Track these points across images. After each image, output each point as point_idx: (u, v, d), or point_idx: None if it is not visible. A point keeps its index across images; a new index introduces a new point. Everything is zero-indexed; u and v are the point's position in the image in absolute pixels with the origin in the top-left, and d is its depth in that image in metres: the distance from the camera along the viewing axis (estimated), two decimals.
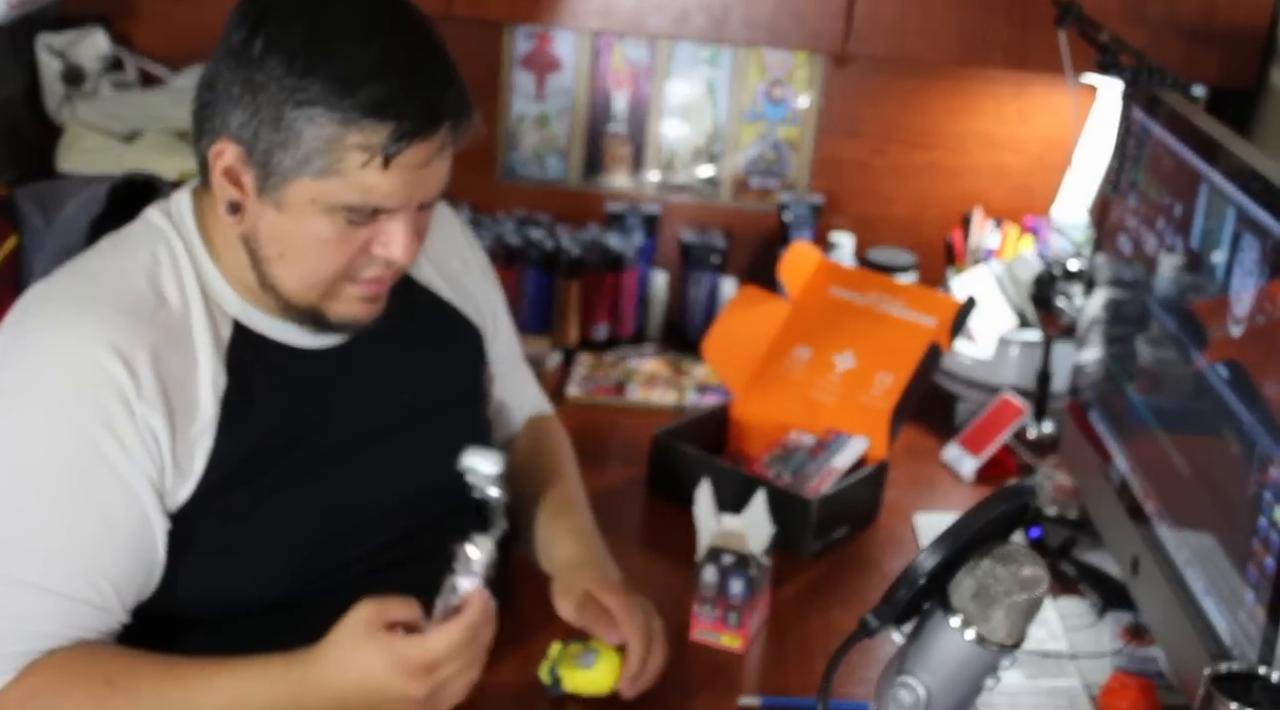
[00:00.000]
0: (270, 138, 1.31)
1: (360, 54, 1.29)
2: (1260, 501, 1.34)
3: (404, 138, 1.29)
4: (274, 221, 1.35)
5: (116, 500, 1.33)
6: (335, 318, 1.42)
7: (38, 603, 1.31)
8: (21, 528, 1.32)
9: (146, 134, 2.43)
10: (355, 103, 1.28)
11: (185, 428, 1.36)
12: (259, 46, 1.30)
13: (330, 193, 1.32)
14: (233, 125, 1.32)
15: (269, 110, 1.30)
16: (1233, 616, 1.39)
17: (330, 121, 1.28)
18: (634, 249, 2.49)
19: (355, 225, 1.34)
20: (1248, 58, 2.18)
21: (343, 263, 1.37)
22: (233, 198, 1.36)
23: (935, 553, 1.24)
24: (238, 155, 1.33)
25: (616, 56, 2.54)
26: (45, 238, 1.53)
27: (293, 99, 1.29)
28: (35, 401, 1.33)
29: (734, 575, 1.63)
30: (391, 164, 1.30)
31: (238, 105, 1.31)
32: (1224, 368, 1.45)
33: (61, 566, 1.32)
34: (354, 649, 1.29)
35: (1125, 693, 1.55)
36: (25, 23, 2.42)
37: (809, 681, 1.61)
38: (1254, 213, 1.39)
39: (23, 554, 1.32)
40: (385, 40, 1.31)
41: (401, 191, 1.33)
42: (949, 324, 2.02)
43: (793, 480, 1.91)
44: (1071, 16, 1.88)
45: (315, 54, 1.28)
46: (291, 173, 1.31)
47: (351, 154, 1.30)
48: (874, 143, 2.57)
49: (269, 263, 1.38)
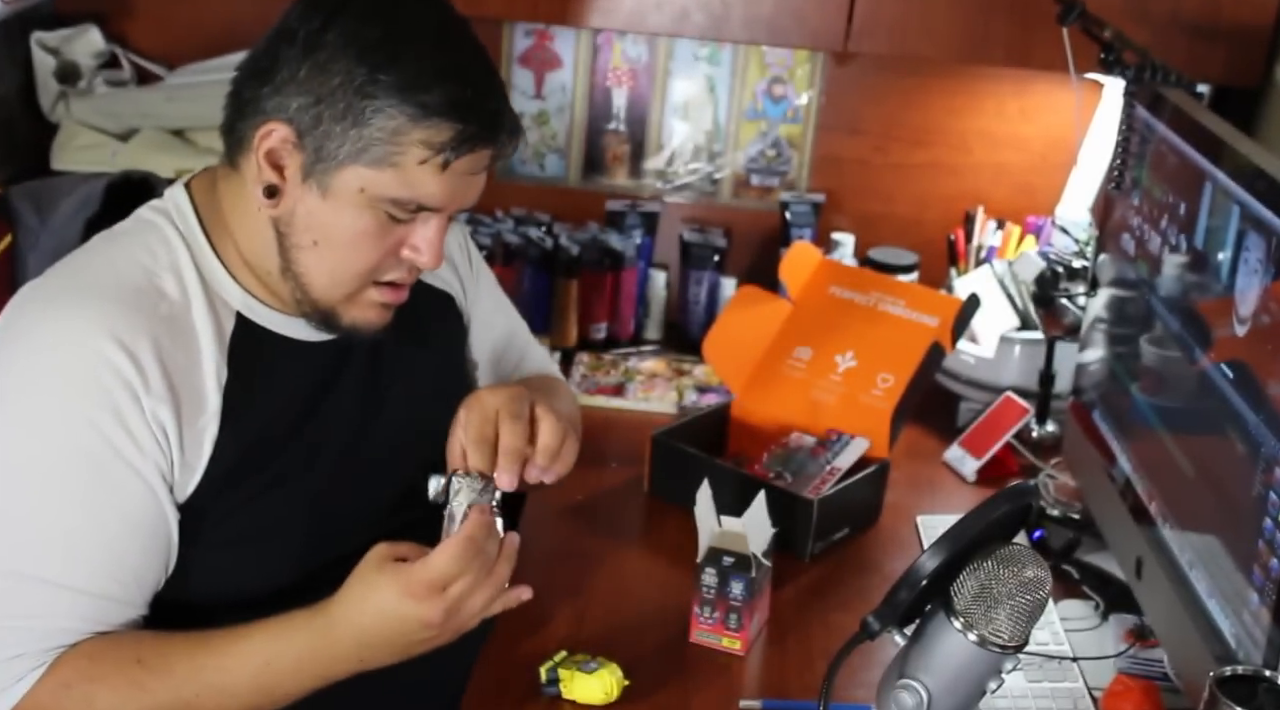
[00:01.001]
0: (332, 123, 1.33)
1: (437, 56, 1.33)
2: (1265, 503, 1.33)
3: (468, 141, 1.34)
4: (314, 208, 1.37)
5: (132, 493, 1.34)
6: (348, 321, 1.44)
7: (62, 600, 1.32)
8: (40, 525, 1.32)
9: (142, 132, 2.43)
10: (429, 100, 1.31)
11: (191, 419, 1.37)
12: (334, 36, 1.32)
13: (381, 184, 1.34)
14: (290, 108, 1.34)
15: (337, 96, 1.32)
16: (1237, 619, 1.38)
17: (400, 114, 1.32)
18: (633, 248, 2.48)
19: (395, 222, 1.37)
20: (1252, 55, 2.17)
21: (375, 260, 1.39)
22: (271, 181, 1.37)
23: (937, 554, 1.24)
24: (286, 137, 1.35)
25: (616, 54, 2.54)
26: (40, 236, 1.53)
27: (365, 89, 1.32)
28: (42, 399, 1.33)
29: (734, 577, 1.62)
30: (449, 166, 1.34)
31: (301, 89, 1.33)
32: (1228, 367, 1.44)
33: (83, 563, 1.33)
34: (368, 585, 1.33)
35: (1129, 695, 1.54)
36: (20, 20, 2.42)
37: (810, 683, 1.61)
38: (1258, 211, 1.39)
39: (43, 552, 1.32)
40: (459, 47, 1.36)
41: (448, 194, 1.37)
42: (951, 323, 2.01)
43: (793, 481, 1.90)
44: (1074, 14, 1.88)
45: (393, 49, 1.32)
46: (348, 159, 1.34)
47: (413, 149, 1.33)
48: (875, 141, 2.56)
49: (299, 250, 1.39)
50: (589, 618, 1.70)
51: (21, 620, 1.31)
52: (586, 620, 1.69)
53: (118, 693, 1.32)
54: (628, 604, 1.74)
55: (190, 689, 1.33)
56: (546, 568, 1.79)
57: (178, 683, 1.33)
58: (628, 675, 1.55)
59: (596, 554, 1.83)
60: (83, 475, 1.32)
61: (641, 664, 1.60)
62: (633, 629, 1.67)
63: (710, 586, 1.63)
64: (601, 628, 1.67)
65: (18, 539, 1.32)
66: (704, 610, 1.64)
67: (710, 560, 1.63)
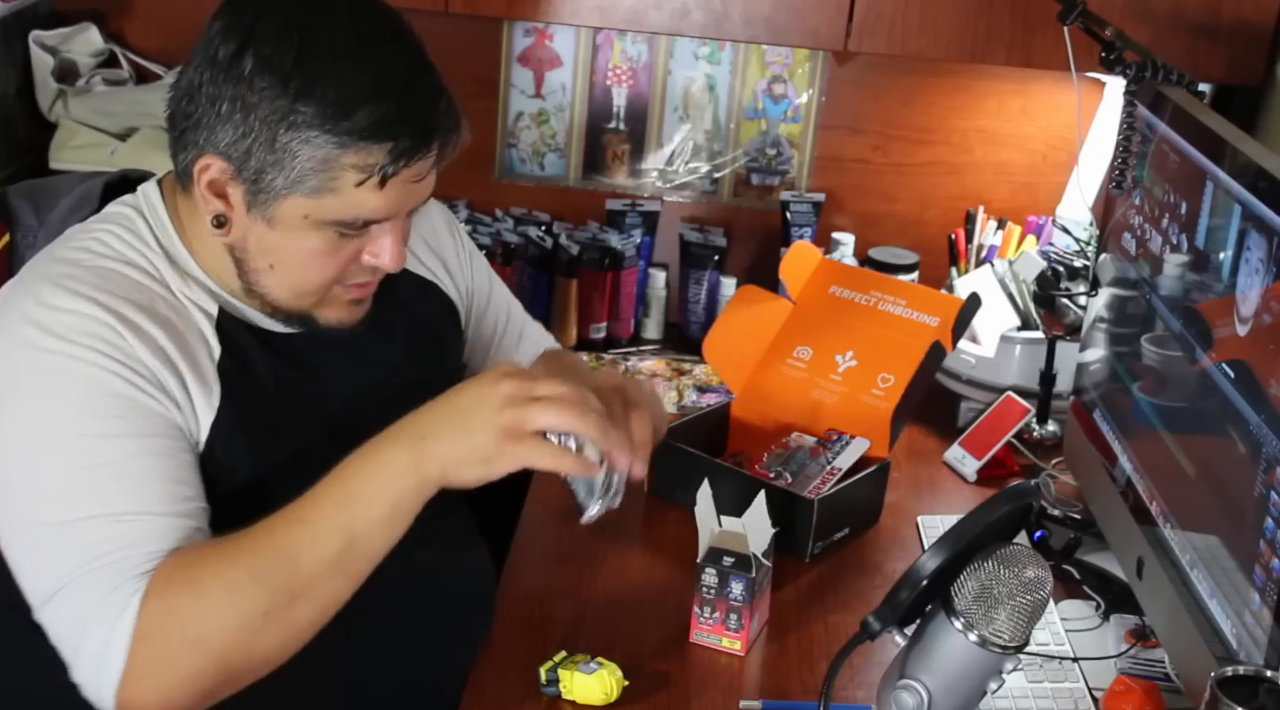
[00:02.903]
0: (262, 157, 1.32)
1: (355, 75, 1.30)
2: (1267, 503, 1.33)
3: (400, 157, 1.32)
4: (263, 235, 1.37)
5: (162, 416, 1.34)
6: (324, 321, 1.45)
7: (139, 527, 1.30)
8: (97, 467, 1.31)
9: (140, 131, 2.43)
10: (352, 126, 1.29)
11: (193, 381, 1.37)
12: (249, 64, 1.30)
13: (323, 210, 1.34)
14: (220, 143, 1.33)
15: (261, 131, 1.31)
16: (1239, 619, 1.38)
17: (326, 143, 1.30)
18: (633, 247, 2.48)
19: (346, 237, 1.37)
20: (1254, 54, 2.17)
21: (333, 272, 1.40)
22: (218, 211, 1.37)
23: (938, 554, 1.24)
24: (224, 171, 1.35)
25: (616, 53, 2.53)
26: (38, 235, 1.53)
27: (287, 121, 1.30)
28: (53, 363, 1.32)
29: (735, 577, 1.61)
30: (388, 181, 1.33)
31: (226, 122, 1.32)
32: (1230, 367, 1.44)
33: (146, 488, 1.32)
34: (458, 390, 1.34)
35: (1130, 696, 1.53)
36: (18, 19, 2.42)
37: (810, 684, 1.60)
38: (1260, 211, 1.38)
39: (109, 490, 1.31)
40: (377, 59, 1.32)
41: (393, 205, 1.36)
42: (951, 323, 2.01)
43: (794, 481, 1.90)
44: (1075, 12, 1.87)
45: (309, 76, 1.29)
46: (284, 191, 1.33)
47: (347, 173, 1.32)
48: (875, 140, 2.56)
49: (258, 273, 1.40)
50: (589, 618, 1.69)
51: (108, 556, 1.29)
52: (586, 620, 1.69)
53: (217, 563, 1.29)
54: (628, 604, 1.73)
55: (283, 533, 1.30)
56: (546, 568, 1.79)
57: (268, 530, 1.30)
58: (628, 675, 1.55)
59: (596, 554, 1.82)
60: (117, 409, 1.32)
61: (641, 664, 1.59)
62: (633, 629, 1.67)
63: (710, 587, 1.62)
64: (601, 628, 1.67)
65: (81, 486, 1.31)
66: (704, 610, 1.64)
67: (710, 560, 1.62)
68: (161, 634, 1.27)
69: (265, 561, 1.29)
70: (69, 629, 1.29)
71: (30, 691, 1.44)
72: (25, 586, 1.32)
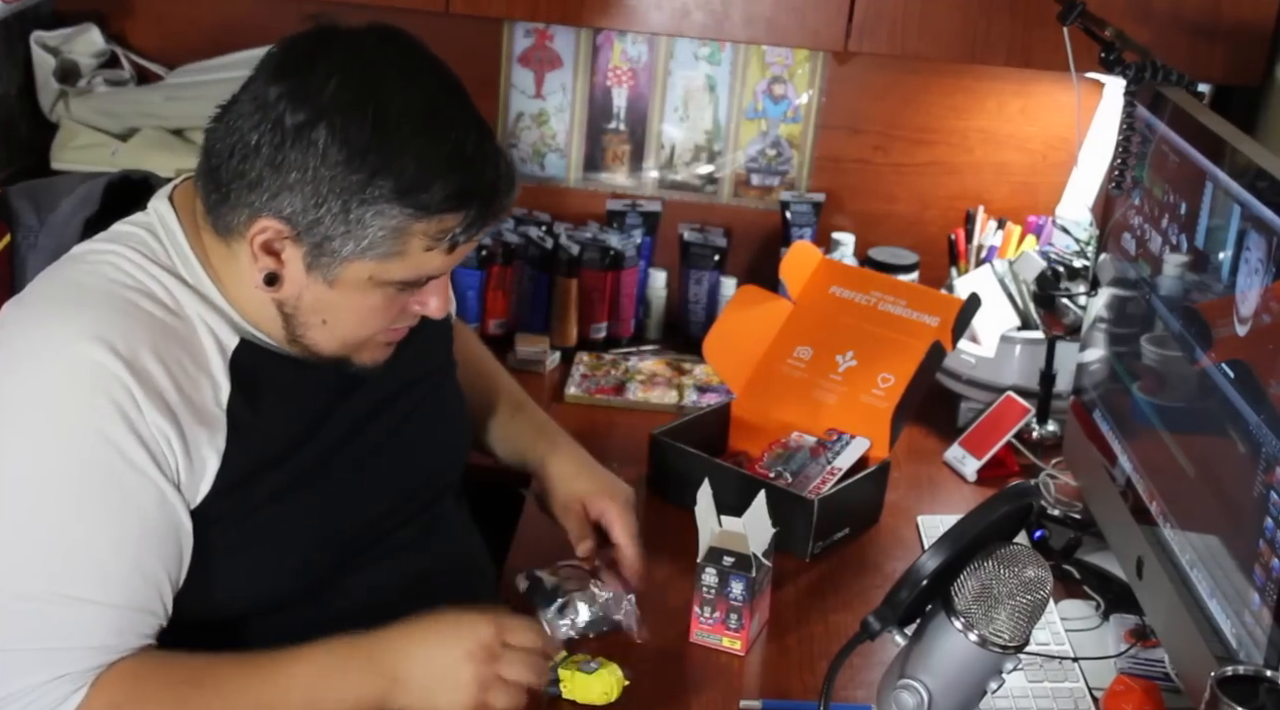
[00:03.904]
0: (332, 225, 1.31)
1: (430, 149, 1.31)
2: (1266, 502, 1.33)
3: (473, 226, 1.35)
4: (322, 295, 1.37)
5: (149, 500, 1.31)
6: (358, 364, 1.45)
7: (99, 618, 1.29)
8: (67, 545, 1.29)
9: (141, 131, 2.43)
10: (429, 199, 1.31)
11: (195, 429, 1.34)
12: (322, 136, 1.29)
13: (389, 272, 1.35)
14: (284, 209, 1.32)
15: (333, 202, 1.30)
16: (1239, 619, 1.38)
17: (401, 215, 1.31)
18: (633, 248, 2.48)
19: (404, 292, 1.39)
20: (1254, 54, 2.17)
21: (385, 324, 1.42)
22: (271, 269, 1.36)
23: (938, 554, 1.24)
24: (282, 232, 1.33)
25: (616, 54, 2.53)
26: (39, 236, 1.52)
27: (361, 195, 1.30)
28: (43, 412, 1.30)
29: (734, 577, 1.61)
30: (456, 247, 1.35)
31: (292, 190, 1.31)
32: (1229, 367, 1.44)
33: (114, 578, 1.30)
34: (434, 620, 1.38)
35: (1130, 695, 1.53)
36: (19, 19, 2.41)
37: (810, 684, 1.60)
38: (1260, 211, 1.38)
39: (74, 571, 1.29)
40: (448, 129, 1.32)
41: (455, 262, 1.40)
42: (951, 323, 2.01)
43: (794, 481, 1.90)
44: (1075, 13, 1.87)
45: (385, 151, 1.29)
46: (352, 256, 1.33)
47: (417, 240, 1.33)
48: (875, 140, 2.56)
49: (308, 328, 1.40)
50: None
51: (60, 641, 1.28)
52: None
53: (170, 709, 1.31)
54: None
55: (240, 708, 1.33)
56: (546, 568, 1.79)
57: (226, 704, 1.32)
58: (628, 675, 1.55)
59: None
60: (100, 488, 1.30)
61: (641, 664, 1.59)
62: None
63: (710, 586, 1.63)
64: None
65: (45, 560, 1.29)
66: (704, 610, 1.64)
67: (710, 560, 1.62)
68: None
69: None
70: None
71: None
72: None
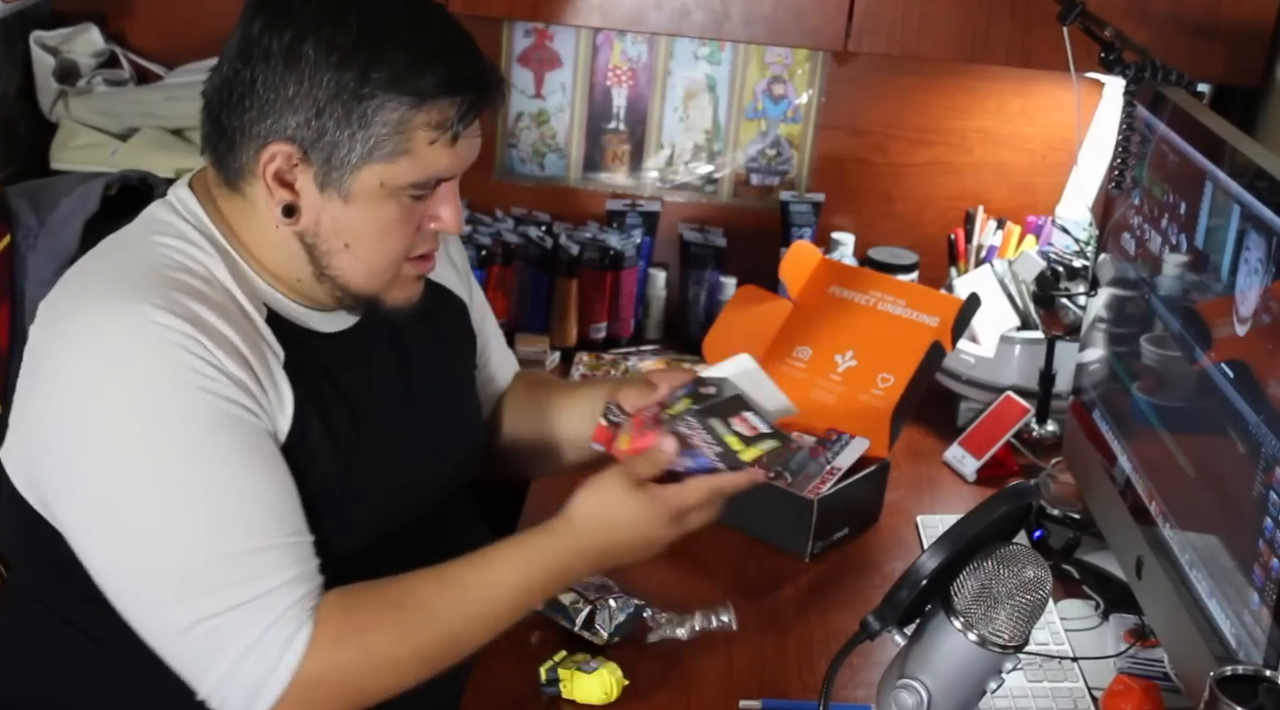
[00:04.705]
0: (337, 131, 1.35)
1: (416, 42, 1.36)
2: (1266, 502, 1.33)
3: (470, 111, 1.38)
4: (338, 214, 1.39)
5: (263, 435, 1.36)
6: (392, 302, 1.47)
7: (275, 559, 1.34)
8: (221, 501, 1.33)
9: (141, 131, 2.43)
10: (424, 85, 1.35)
11: (267, 385, 1.38)
12: (311, 47, 1.34)
13: (400, 174, 1.38)
14: (288, 128, 1.35)
15: (334, 104, 1.34)
16: (1238, 619, 1.38)
17: (401, 105, 1.35)
18: (633, 247, 2.48)
19: (416, 201, 1.41)
20: (1253, 54, 2.17)
21: (406, 242, 1.43)
22: (287, 200, 1.39)
23: (937, 554, 1.24)
24: (291, 156, 1.36)
25: (616, 54, 2.53)
26: (39, 236, 1.52)
27: (360, 92, 1.34)
28: (144, 387, 1.32)
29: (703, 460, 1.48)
30: (459, 138, 1.38)
31: (293, 106, 1.35)
32: (1229, 367, 1.44)
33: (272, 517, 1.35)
34: (620, 505, 1.45)
35: (1129, 695, 1.53)
36: (19, 19, 2.41)
37: (810, 683, 1.61)
38: (1259, 211, 1.38)
39: (237, 524, 1.33)
40: (428, 25, 1.38)
41: (461, 161, 1.41)
42: (951, 323, 2.01)
43: (793, 481, 1.90)
44: (1075, 13, 1.87)
45: (375, 45, 1.34)
46: (361, 161, 1.36)
47: (420, 133, 1.36)
48: (875, 140, 2.56)
49: (333, 256, 1.42)
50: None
51: (264, 585, 1.33)
52: None
53: (389, 634, 1.38)
54: None
55: (456, 622, 1.41)
56: None
57: (440, 617, 1.40)
58: (628, 675, 1.55)
59: None
60: (224, 437, 1.33)
61: (641, 664, 1.59)
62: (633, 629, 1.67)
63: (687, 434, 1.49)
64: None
65: (208, 522, 1.32)
66: (627, 432, 1.54)
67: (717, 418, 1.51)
68: (326, 683, 1.35)
69: (435, 644, 1.40)
70: (212, 657, 1.32)
71: (48, 684, 1.44)
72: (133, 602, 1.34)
